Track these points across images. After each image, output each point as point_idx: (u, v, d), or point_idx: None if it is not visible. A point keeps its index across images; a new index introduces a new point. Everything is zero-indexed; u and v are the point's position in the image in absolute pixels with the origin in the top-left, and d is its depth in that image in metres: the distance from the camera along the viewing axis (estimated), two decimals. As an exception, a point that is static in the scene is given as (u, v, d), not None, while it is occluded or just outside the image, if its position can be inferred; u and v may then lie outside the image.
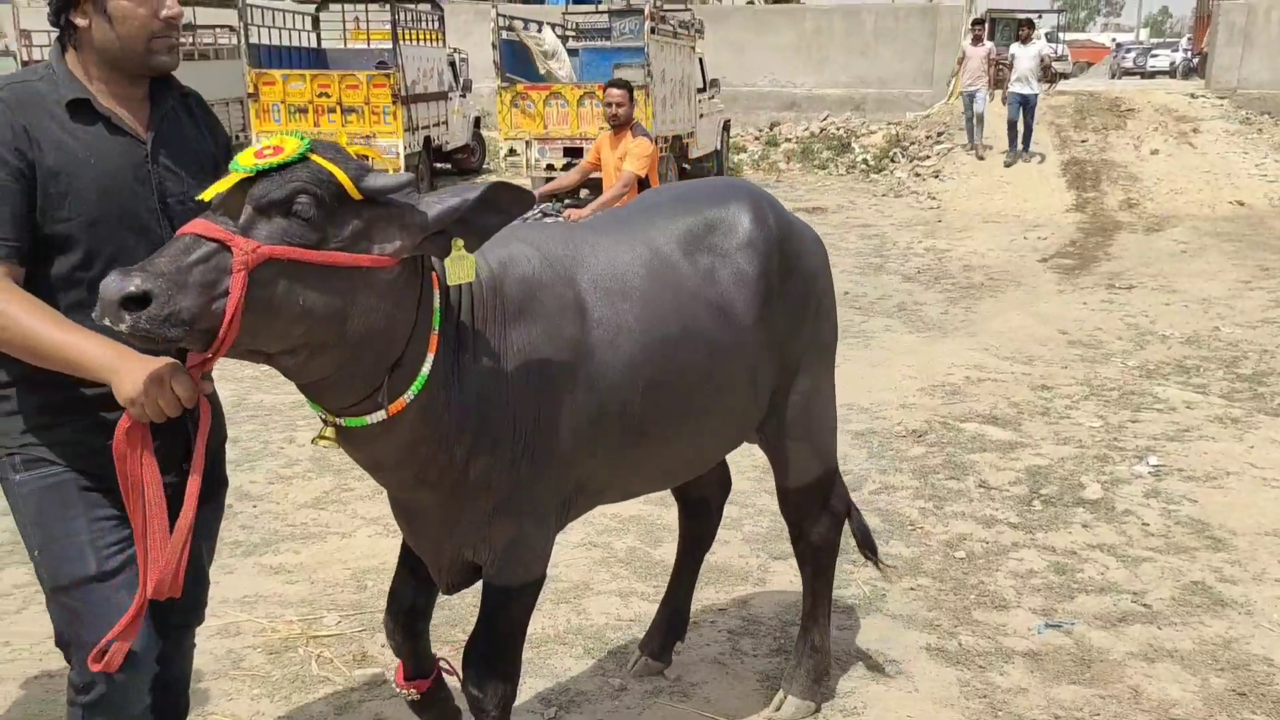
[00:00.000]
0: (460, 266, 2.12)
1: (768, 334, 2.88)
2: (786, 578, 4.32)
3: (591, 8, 17.28)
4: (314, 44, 16.98)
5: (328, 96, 14.43)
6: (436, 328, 2.18)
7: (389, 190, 2.02)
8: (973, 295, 10.08)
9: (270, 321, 1.91)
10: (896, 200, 16.27)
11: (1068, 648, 3.87)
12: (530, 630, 3.94)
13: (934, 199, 15.97)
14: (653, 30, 14.04)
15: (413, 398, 2.16)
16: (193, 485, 2.00)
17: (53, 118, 2.16)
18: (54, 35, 2.26)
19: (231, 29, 16.30)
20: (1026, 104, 16.22)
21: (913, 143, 19.28)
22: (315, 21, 17.13)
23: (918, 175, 17.51)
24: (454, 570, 2.59)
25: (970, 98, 16.85)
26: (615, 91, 7.55)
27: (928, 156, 18.23)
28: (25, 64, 16.12)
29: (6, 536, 4.78)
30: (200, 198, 2.00)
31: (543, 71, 14.75)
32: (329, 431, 2.21)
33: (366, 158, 2.14)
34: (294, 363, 2.03)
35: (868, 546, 3.63)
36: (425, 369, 2.16)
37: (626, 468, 2.67)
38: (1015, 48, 16.24)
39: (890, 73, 22.75)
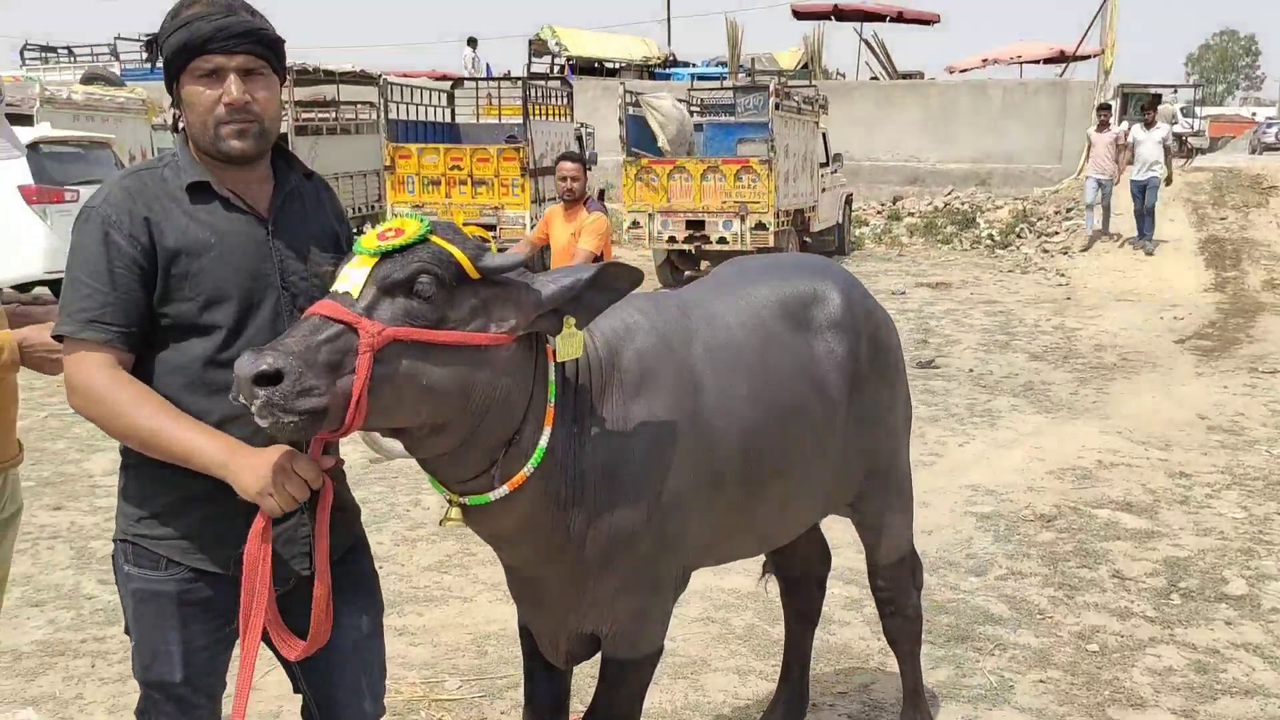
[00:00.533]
0: (570, 344, 2.18)
1: (859, 411, 2.94)
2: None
3: (716, 84, 17.56)
4: (449, 119, 17.61)
5: (459, 169, 14.91)
6: (553, 400, 2.22)
7: (504, 270, 2.08)
8: (1105, 376, 9.79)
9: (395, 399, 1.96)
10: (1023, 276, 15.96)
11: (1210, 752, 3.68)
12: (647, 705, 3.92)
13: (1063, 276, 15.61)
14: (777, 106, 14.18)
15: (532, 470, 2.19)
16: (321, 555, 2.10)
17: (175, 201, 2.18)
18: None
19: (372, 105, 17.02)
20: (1145, 191, 15.49)
21: (1040, 218, 18.92)
22: (450, 98, 17.77)
23: (1046, 251, 17.17)
24: (573, 642, 2.60)
25: (1095, 185, 16.24)
26: (568, 165, 7.39)
27: (1056, 233, 17.87)
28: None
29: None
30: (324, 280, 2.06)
31: (660, 143, 14.97)
32: (454, 513, 2.25)
33: (483, 238, 2.20)
34: (419, 438, 2.09)
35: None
36: (543, 441, 2.20)
37: (726, 535, 2.70)
38: (1137, 131, 15.68)
39: (1018, 148, 22.48)
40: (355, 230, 2.38)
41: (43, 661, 4.27)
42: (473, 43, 26.98)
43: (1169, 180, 15.76)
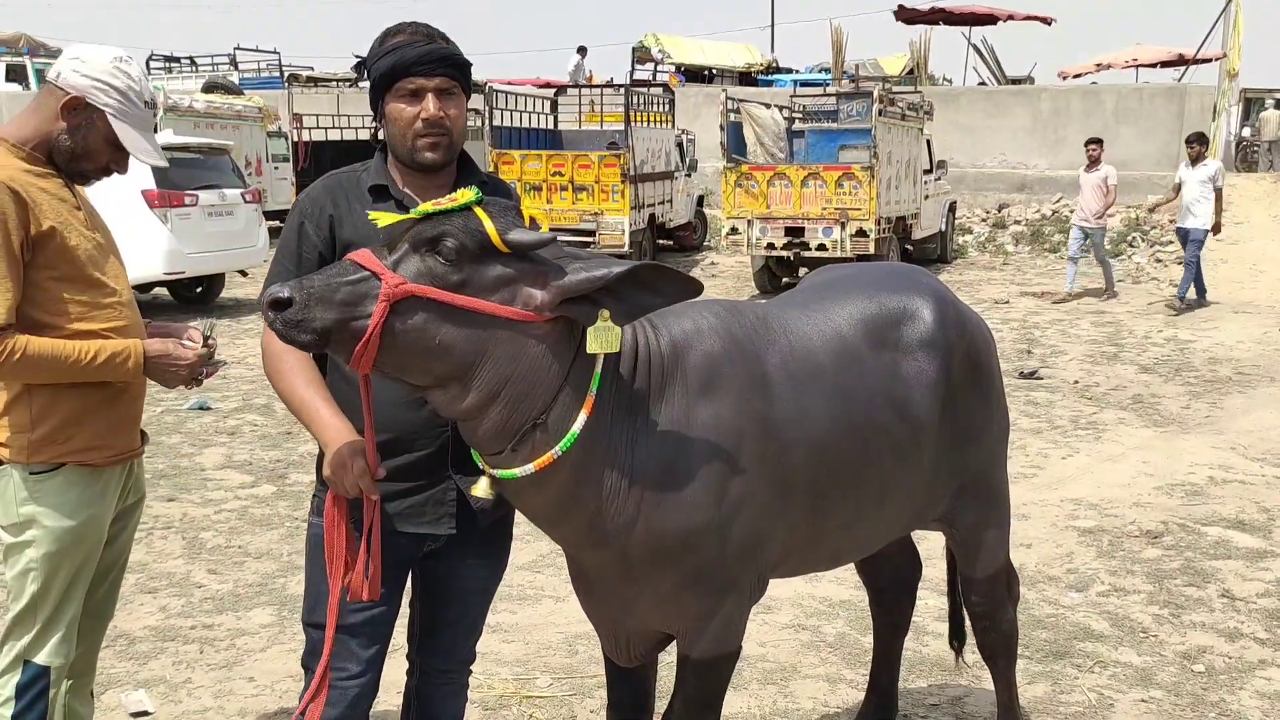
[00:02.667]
0: (602, 337, 2.19)
1: (952, 428, 2.89)
2: (1004, 677, 4.14)
3: (820, 90, 17.44)
4: (552, 126, 17.85)
5: (561, 175, 15.10)
6: (594, 391, 2.24)
7: (530, 245, 2.16)
8: (1219, 390, 9.45)
9: (407, 350, 2.12)
10: (1134, 286, 15.47)
11: (1323, 781, 3.53)
12: (735, 708, 3.95)
13: (1176, 287, 15.09)
14: (880, 112, 14.03)
15: (560, 454, 2.22)
16: (372, 527, 2.33)
17: (360, 199, 2.50)
18: (371, 126, 2.59)
19: (478, 112, 17.35)
20: (1188, 240, 13.23)
21: (1154, 227, 18.34)
22: (553, 105, 18.02)
23: (1159, 261, 16.63)
24: (639, 641, 2.64)
25: (1080, 236, 14.08)
26: None
27: (1170, 242, 17.28)
28: (295, 145, 17.65)
29: (255, 579, 5.17)
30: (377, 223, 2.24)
31: (750, 148, 14.92)
32: (482, 484, 2.31)
33: (535, 219, 2.28)
34: (442, 398, 2.20)
35: (959, 636, 3.70)
36: (575, 428, 2.22)
37: (799, 546, 2.69)
38: (1183, 170, 13.51)
39: (1131, 154, 21.77)
40: None
41: (154, 646, 4.45)
42: (582, 50, 27.20)
43: (1217, 229, 13.36)
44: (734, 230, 14.47)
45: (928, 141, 16.75)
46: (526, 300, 2.17)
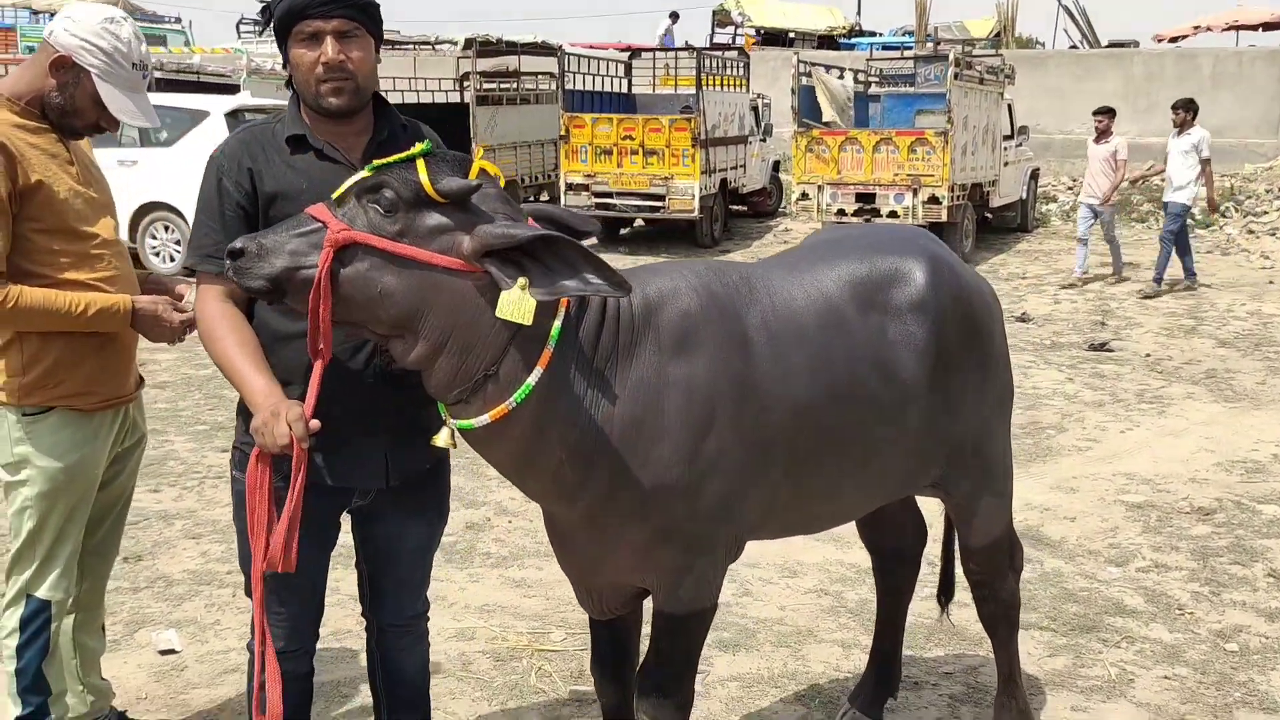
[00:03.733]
0: (514, 305, 2.15)
1: (943, 397, 2.81)
2: (1024, 649, 4.06)
3: (896, 54, 17.09)
4: (625, 89, 17.78)
5: (631, 139, 15.04)
6: (551, 345, 2.25)
7: (460, 193, 2.18)
8: (1299, 365, 9.09)
9: (354, 297, 2.18)
10: (1223, 258, 14.92)
11: (1346, 766, 3.41)
12: (744, 669, 3.96)
13: (1267, 259, 14.51)
14: (956, 76, 13.69)
15: (516, 405, 2.23)
16: (295, 493, 2.26)
17: (278, 151, 2.48)
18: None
19: (553, 76, 17.35)
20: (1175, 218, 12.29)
21: (1250, 196, 17.64)
22: (628, 69, 17.94)
23: (1251, 232, 15.99)
24: (612, 595, 2.65)
25: (1088, 214, 12.86)
26: None
27: (1265, 212, 16.63)
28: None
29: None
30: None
31: (825, 116, 14.68)
32: (443, 435, 2.32)
33: (488, 172, 2.26)
34: (400, 348, 2.24)
35: (946, 593, 3.68)
36: (531, 380, 2.23)
37: (781, 509, 2.65)
38: (1170, 140, 12.48)
39: (1229, 120, 20.95)
40: (527, 198, 2.55)
41: (190, 589, 4.60)
42: (674, 16, 26.88)
43: (1213, 206, 12.72)
44: (804, 195, 14.30)
45: (1009, 106, 16.30)
46: (457, 248, 2.18)
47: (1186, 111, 12.35)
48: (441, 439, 2.33)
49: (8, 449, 2.71)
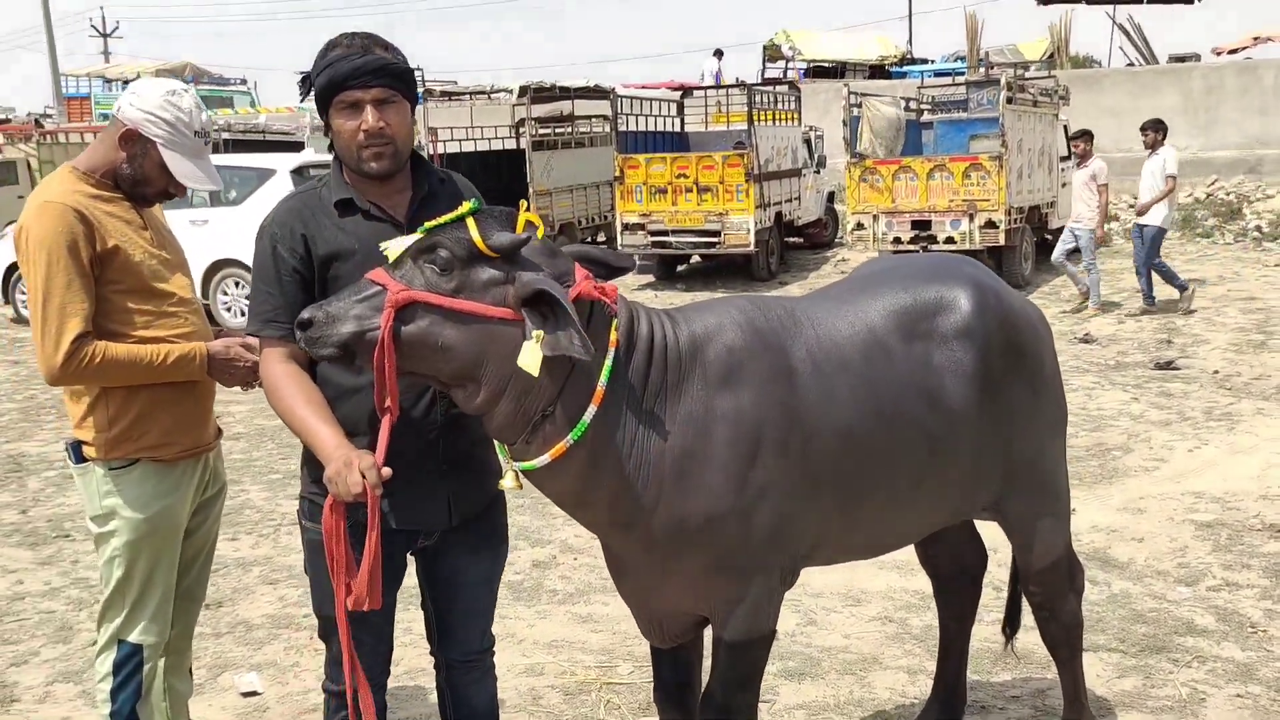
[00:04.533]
0: (527, 354, 2.27)
1: (994, 421, 2.87)
2: (1093, 671, 4.05)
3: (948, 80, 17.08)
4: (678, 128, 17.98)
5: (685, 177, 15.19)
6: (603, 382, 2.37)
7: (510, 247, 2.30)
8: (1374, 377, 8.89)
9: (416, 352, 2.31)
10: (1292, 271, 14.65)
11: None
12: (810, 697, 4.00)
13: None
14: (1009, 100, 13.67)
15: (573, 443, 2.35)
16: (374, 535, 2.37)
17: (327, 215, 2.60)
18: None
19: (606, 118, 17.61)
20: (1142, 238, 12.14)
21: (1318, 207, 17.29)
22: (680, 107, 18.15)
23: (1321, 243, 15.67)
24: (671, 623, 2.73)
25: (1071, 239, 12.50)
26: None
27: (1335, 222, 16.28)
28: (431, 157, 18.22)
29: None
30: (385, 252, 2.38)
31: (864, 143, 14.65)
32: (509, 477, 2.46)
33: (531, 222, 2.38)
34: (462, 396, 2.38)
35: (1012, 624, 3.71)
36: (586, 418, 2.35)
37: (834, 534, 2.72)
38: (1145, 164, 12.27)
39: (1293, 131, 20.57)
40: (584, 240, 2.67)
41: (269, 633, 4.76)
42: (719, 54, 27.22)
43: (1140, 212, 12.25)
44: (859, 225, 14.32)
45: (1064, 127, 16.19)
46: (507, 299, 2.31)
47: (1156, 132, 12.17)
48: (507, 482, 2.47)
49: (97, 502, 2.88)
